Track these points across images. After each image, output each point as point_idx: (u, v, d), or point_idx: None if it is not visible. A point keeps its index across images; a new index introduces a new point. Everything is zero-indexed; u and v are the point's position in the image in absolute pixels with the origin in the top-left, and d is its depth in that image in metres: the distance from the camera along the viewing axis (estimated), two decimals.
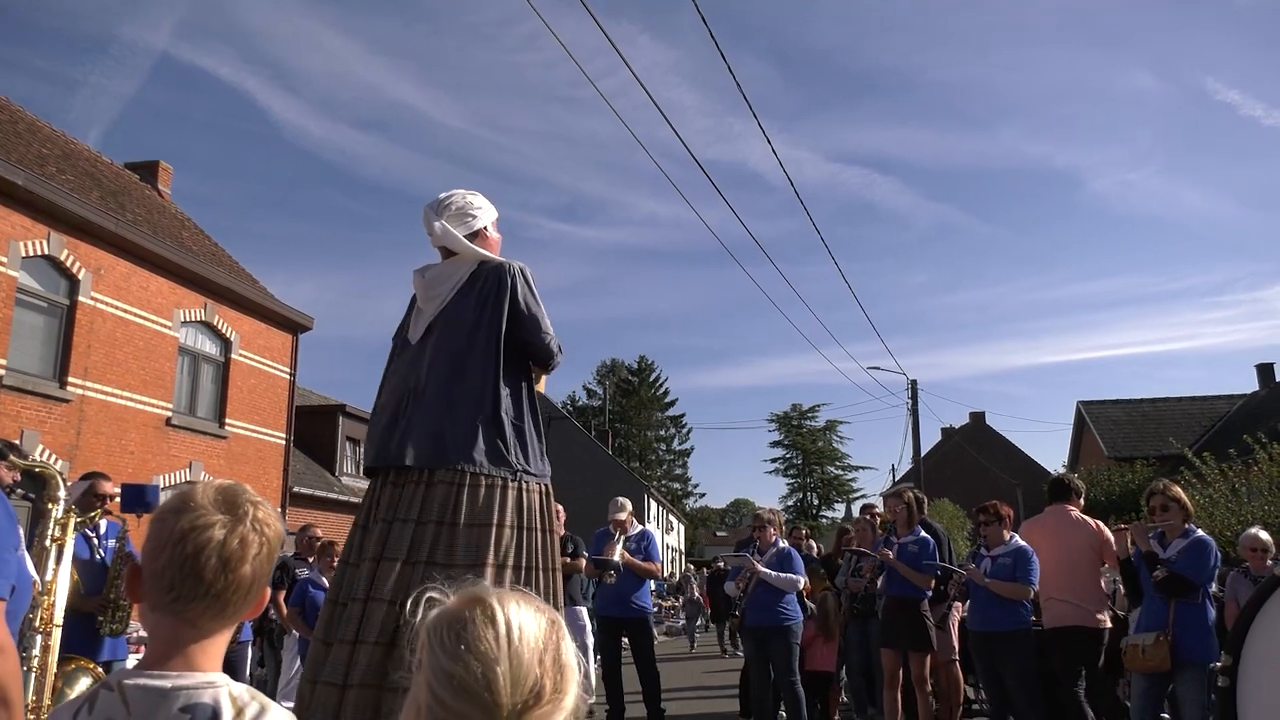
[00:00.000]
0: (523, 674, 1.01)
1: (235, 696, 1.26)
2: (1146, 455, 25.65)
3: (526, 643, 1.03)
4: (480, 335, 3.30)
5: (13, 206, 12.80)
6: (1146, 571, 4.94)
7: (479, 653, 1.01)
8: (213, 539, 1.26)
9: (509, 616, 1.04)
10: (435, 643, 1.03)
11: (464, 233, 3.45)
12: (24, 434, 12.49)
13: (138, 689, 1.24)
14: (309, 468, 21.97)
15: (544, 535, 3.31)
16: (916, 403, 27.87)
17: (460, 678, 1.00)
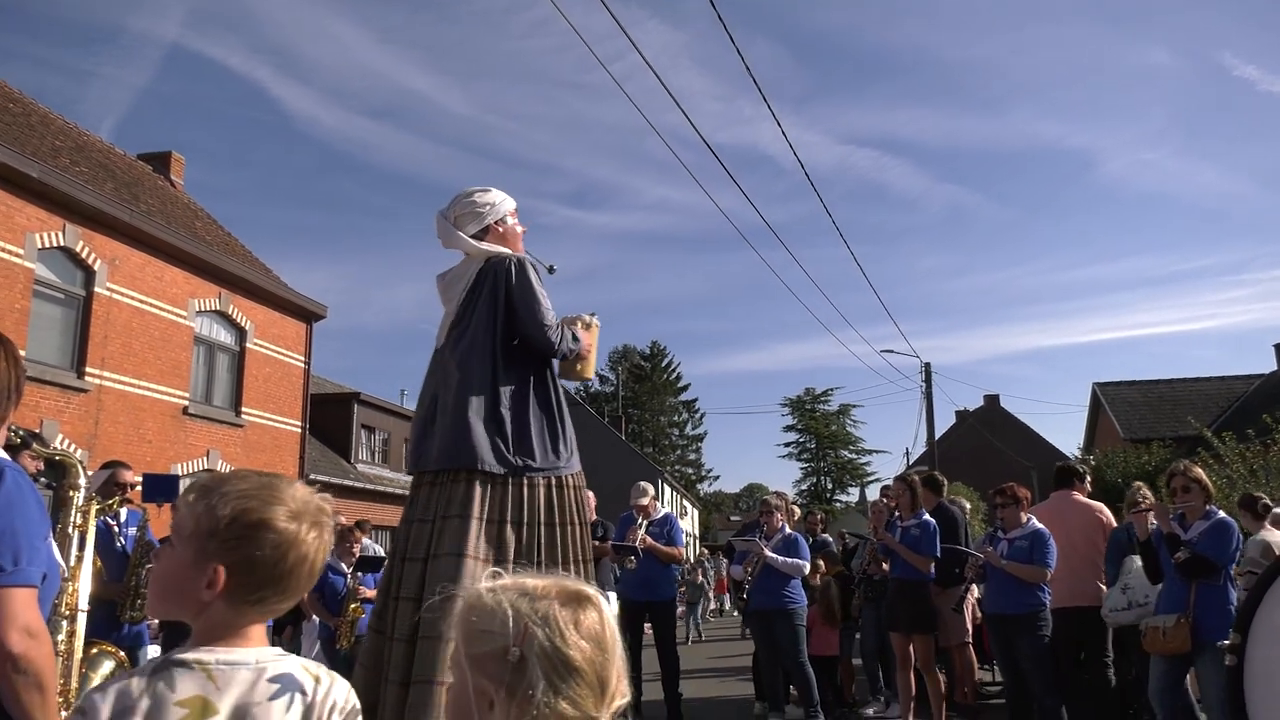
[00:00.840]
0: (618, 663, 1.10)
1: (306, 666, 1.36)
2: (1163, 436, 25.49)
3: (618, 635, 1.12)
4: (480, 333, 3.33)
5: (28, 199, 12.87)
6: (1167, 553, 4.91)
7: (599, 640, 1.08)
8: (308, 555, 1.35)
9: (606, 610, 1.12)
10: (552, 630, 1.06)
11: (476, 229, 3.47)
12: (44, 423, 12.60)
13: (222, 665, 1.29)
14: (324, 455, 22.10)
15: (559, 529, 3.27)
16: (930, 386, 27.78)
17: (579, 665, 1.05)
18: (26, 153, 13.11)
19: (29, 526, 1.73)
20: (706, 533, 59.06)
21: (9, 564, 1.66)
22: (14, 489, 1.72)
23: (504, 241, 3.50)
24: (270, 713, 1.28)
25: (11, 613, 1.65)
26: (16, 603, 1.67)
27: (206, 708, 1.26)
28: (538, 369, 3.43)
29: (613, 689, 1.08)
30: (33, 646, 1.67)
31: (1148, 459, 22.83)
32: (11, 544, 1.68)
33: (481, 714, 1.06)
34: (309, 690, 1.33)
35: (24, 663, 1.65)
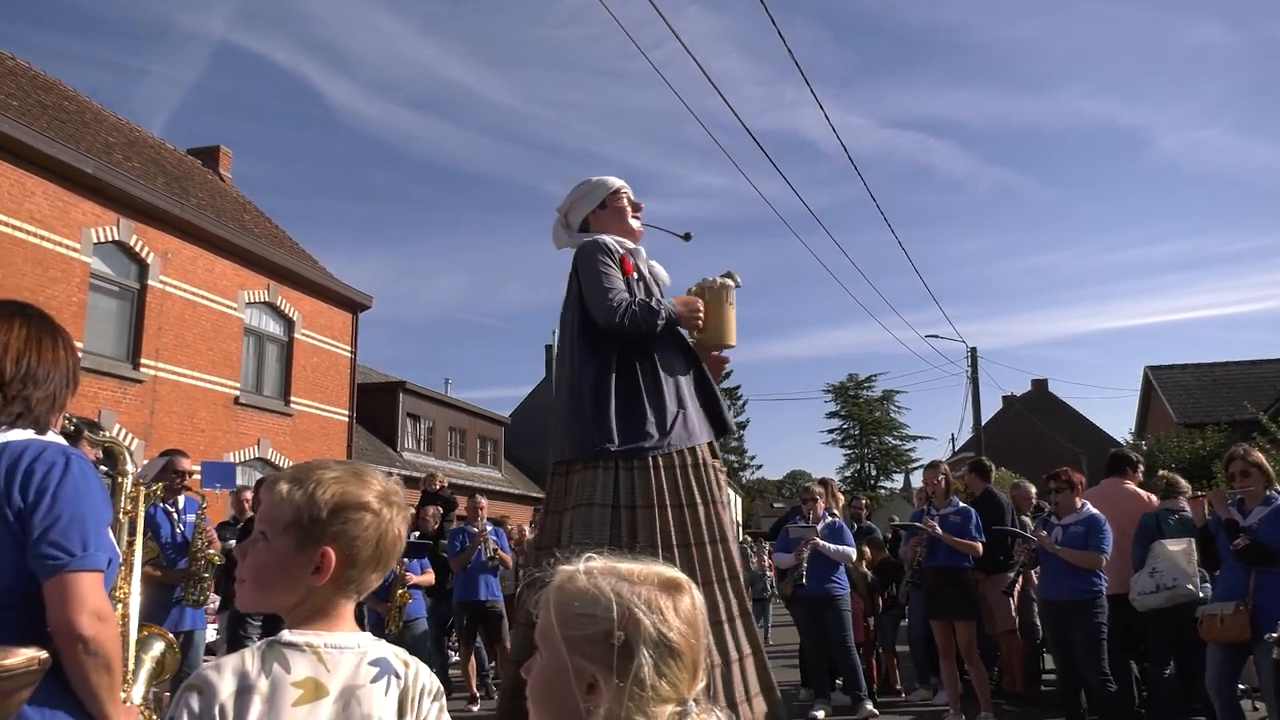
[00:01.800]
0: (705, 647, 1.14)
1: (396, 652, 1.42)
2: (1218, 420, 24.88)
3: (704, 619, 1.15)
4: (565, 323, 3.39)
5: (84, 194, 13.18)
6: (1225, 539, 4.81)
7: (693, 625, 1.12)
8: (398, 534, 1.43)
9: (697, 595, 1.16)
10: (658, 617, 1.10)
11: (578, 220, 3.57)
12: (101, 413, 12.93)
13: (330, 648, 1.34)
14: (371, 444, 22.42)
15: (646, 511, 3.13)
16: (976, 371, 27.40)
17: (680, 649, 1.09)
18: (82, 149, 13.43)
19: (96, 513, 1.79)
20: (749, 520, 58.95)
21: (78, 550, 1.71)
22: (80, 477, 1.77)
23: (605, 226, 3.51)
24: (372, 695, 1.35)
25: (82, 597, 1.70)
26: (86, 587, 1.72)
27: (319, 689, 1.31)
28: (624, 349, 3.32)
29: (702, 671, 1.13)
30: (102, 629, 1.72)
31: (1202, 443, 22.32)
32: (80, 530, 1.73)
33: (580, 694, 1.08)
34: (402, 674, 1.39)
35: (94, 645, 1.70)
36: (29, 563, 1.69)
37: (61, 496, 1.72)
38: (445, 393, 28.95)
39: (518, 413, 35.25)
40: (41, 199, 12.56)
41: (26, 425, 1.81)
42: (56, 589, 1.69)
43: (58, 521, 1.70)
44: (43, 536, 1.69)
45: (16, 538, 1.69)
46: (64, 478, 1.74)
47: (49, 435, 1.84)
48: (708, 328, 3.51)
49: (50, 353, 1.87)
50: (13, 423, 1.78)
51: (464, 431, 28.17)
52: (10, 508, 1.69)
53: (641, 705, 1.05)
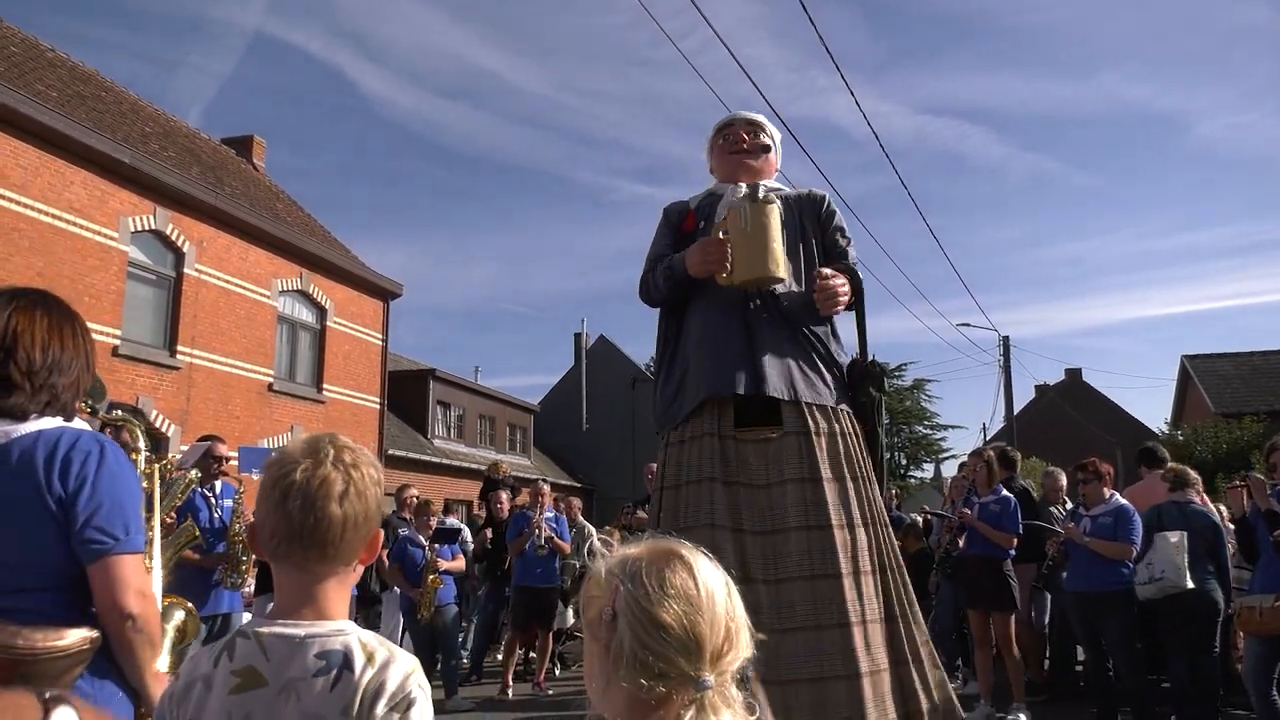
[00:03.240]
0: (718, 620, 1.08)
1: (365, 643, 1.33)
2: (1257, 410, 24.47)
3: (716, 592, 1.10)
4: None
5: (121, 184, 13.39)
6: (1265, 530, 4.74)
7: (684, 598, 1.07)
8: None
9: (699, 568, 1.11)
10: (638, 589, 1.08)
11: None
12: (139, 400, 13.17)
13: (274, 637, 1.31)
14: (403, 431, 22.64)
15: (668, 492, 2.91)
16: (1009, 359, 27.11)
17: (666, 622, 1.05)
18: (119, 139, 13.63)
19: (133, 497, 1.86)
20: None
21: (121, 533, 1.78)
22: (115, 463, 1.84)
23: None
24: (312, 689, 1.28)
25: (127, 577, 1.78)
26: (130, 568, 1.79)
27: (255, 678, 1.29)
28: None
29: (713, 647, 1.07)
30: (147, 606, 1.81)
31: (1240, 434, 21.97)
32: (121, 514, 1.80)
33: (596, 673, 1.12)
34: (357, 670, 1.29)
35: (141, 622, 1.79)
36: (74, 547, 1.76)
37: (101, 484, 1.78)
38: (475, 380, 29.16)
39: (547, 400, 35.42)
40: (80, 188, 12.77)
41: (55, 413, 1.86)
42: (102, 572, 1.76)
43: (100, 508, 1.77)
44: (87, 523, 1.75)
45: (60, 524, 1.75)
46: (100, 465, 1.80)
47: (76, 422, 1.90)
48: (736, 265, 2.86)
49: (71, 340, 1.92)
50: (41, 411, 1.83)
51: (493, 419, 28.35)
52: (51, 496, 1.74)
53: (627, 676, 1.04)
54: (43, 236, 12.10)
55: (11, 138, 11.76)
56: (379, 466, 1.44)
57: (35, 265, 11.93)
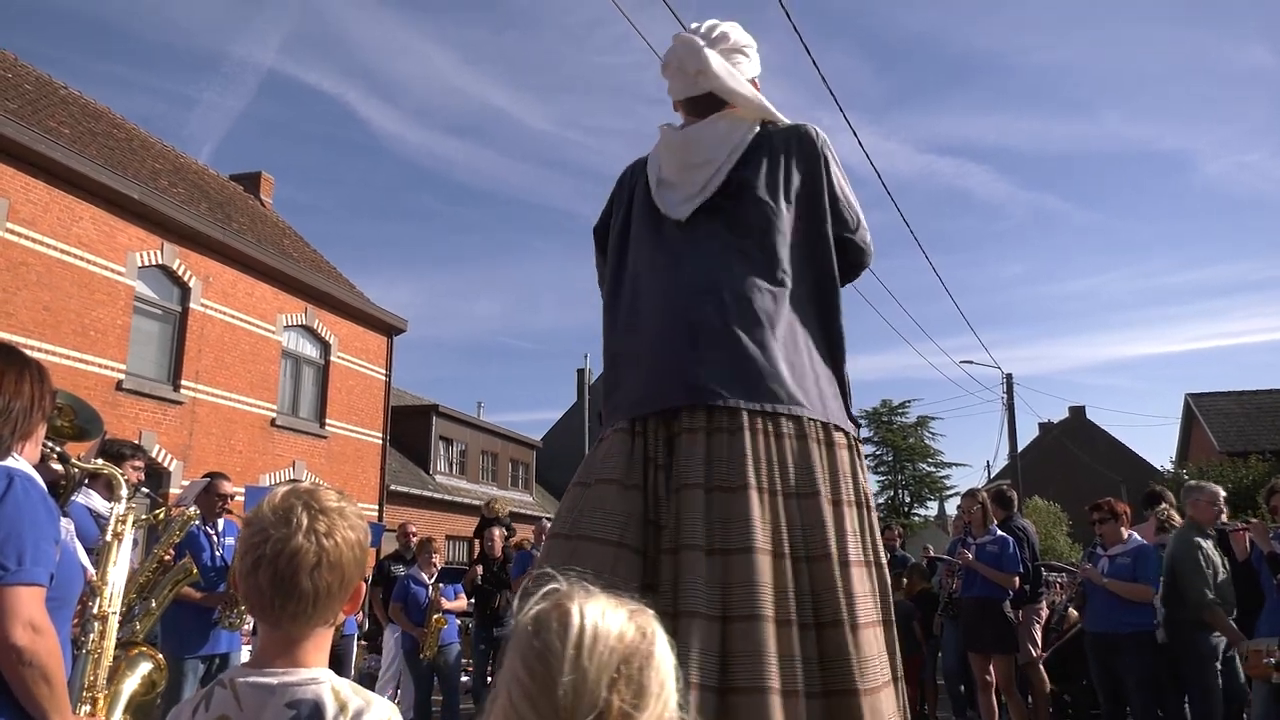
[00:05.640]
0: (586, 689, 0.97)
1: (338, 691, 1.31)
2: (1262, 450, 24.37)
3: (598, 655, 0.99)
4: (784, 227, 2.33)
5: (129, 219, 13.51)
6: (1269, 574, 4.71)
7: (546, 660, 0.99)
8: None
9: (584, 624, 1.01)
10: (514, 644, 1.03)
11: (750, 77, 2.50)
12: (142, 435, 13.17)
13: (247, 686, 1.31)
14: (404, 466, 22.58)
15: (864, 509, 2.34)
16: (1012, 397, 27.09)
17: (525, 683, 0.99)
18: (129, 176, 13.78)
19: (36, 530, 1.85)
20: None
21: (13, 564, 1.79)
22: (21, 495, 1.85)
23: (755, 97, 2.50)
24: None
25: (15, 609, 1.77)
26: (20, 600, 1.78)
27: None
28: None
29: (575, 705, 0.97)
30: (36, 641, 1.78)
31: (1245, 473, 21.87)
32: (16, 546, 1.80)
33: None
34: (327, 718, 1.29)
35: (28, 655, 1.77)
36: None
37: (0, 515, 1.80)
38: (478, 416, 29.13)
39: (550, 436, 35.37)
40: (89, 224, 12.89)
41: None
42: None
43: None
44: None
45: None
46: (4, 497, 1.82)
47: (10, 460, 1.92)
48: None
49: (13, 385, 1.95)
50: None
51: (496, 455, 28.29)
52: None
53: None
54: (50, 271, 12.19)
55: (22, 173, 11.89)
56: (359, 524, 1.40)
57: (42, 299, 12.00)
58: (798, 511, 2.13)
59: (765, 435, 2.14)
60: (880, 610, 2.17)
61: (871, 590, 2.16)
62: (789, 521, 2.11)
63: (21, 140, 11.66)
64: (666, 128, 2.50)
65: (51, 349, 11.90)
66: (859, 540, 2.18)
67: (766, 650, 1.93)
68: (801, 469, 2.16)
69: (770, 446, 2.14)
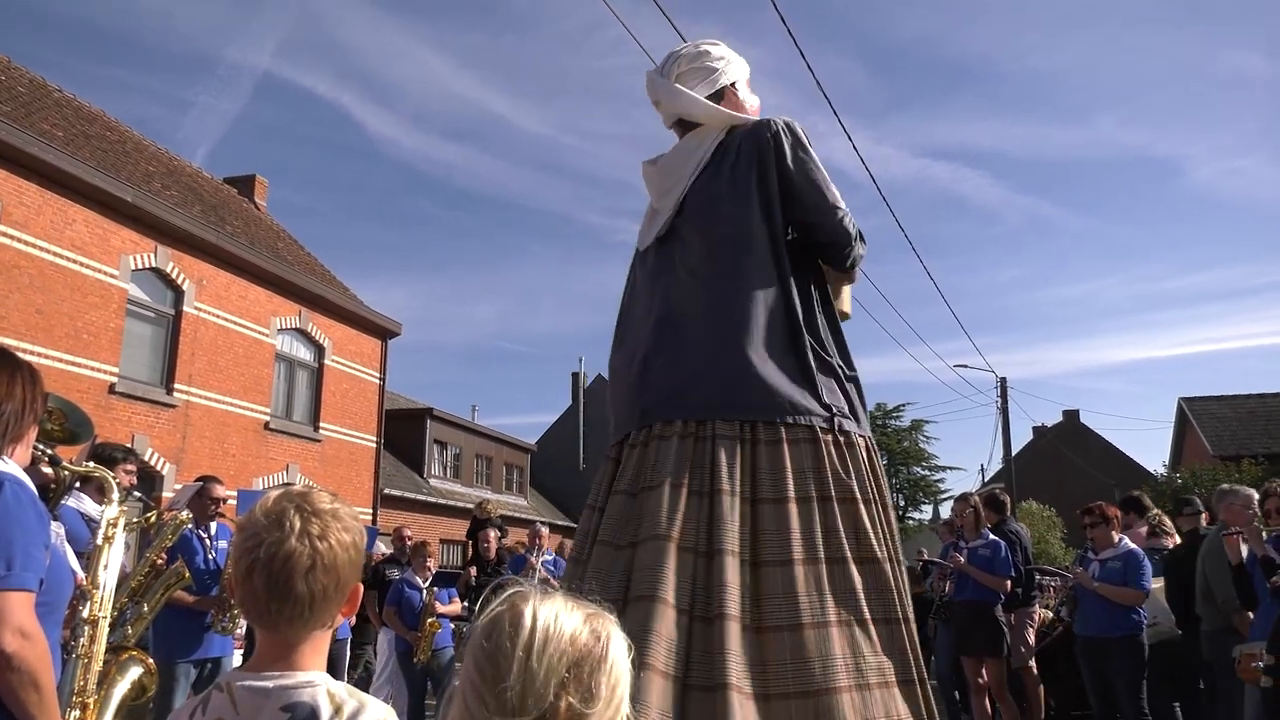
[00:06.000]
0: (534, 690, 0.99)
1: (333, 694, 1.31)
2: (1255, 454, 24.45)
3: (548, 658, 1.01)
4: (745, 223, 2.42)
5: (123, 222, 13.48)
6: (1262, 578, 4.72)
7: (496, 661, 1.01)
8: (259, 559, 1.29)
9: (536, 626, 1.03)
10: (469, 644, 1.05)
11: (706, 92, 2.58)
12: (135, 438, 13.12)
13: (244, 690, 1.31)
14: (398, 470, 22.55)
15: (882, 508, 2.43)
16: (1006, 401, 27.14)
17: (476, 684, 1.01)
18: (122, 179, 13.74)
19: (26, 535, 1.83)
20: None
21: (2, 569, 1.77)
22: (12, 500, 1.83)
23: (742, 111, 2.63)
24: None
25: (4, 614, 1.75)
26: (9, 605, 1.77)
27: None
28: (818, 276, 2.56)
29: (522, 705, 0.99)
30: (25, 646, 1.77)
31: (1238, 477, 21.94)
32: (6, 551, 1.78)
33: None
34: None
35: (17, 661, 1.75)
36: None
37: None
38: (472, 419, 29.10)
39: (544, 440, 35.34)
40: (82, 226, 12.85)
41: None
42: None
43: None
44: None
45: None
46: None
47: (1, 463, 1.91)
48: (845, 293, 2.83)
49: (4, 387, 1.94)
50: None
51: (490, 458, 28.26)
52: None
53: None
54: (43, 274, 12.15)
55: (15, 176, 11.86)
56: (354, 526, 1.39)
57: (35, 302, 11.96)
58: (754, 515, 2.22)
59: (697, 441, 2.29)
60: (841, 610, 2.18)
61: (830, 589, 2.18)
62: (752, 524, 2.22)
63: (15, 143, 11.63)
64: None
65: (44, 352, 11.86)
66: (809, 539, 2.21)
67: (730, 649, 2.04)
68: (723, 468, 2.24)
69: (702, 451, 2.27)
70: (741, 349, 2.31)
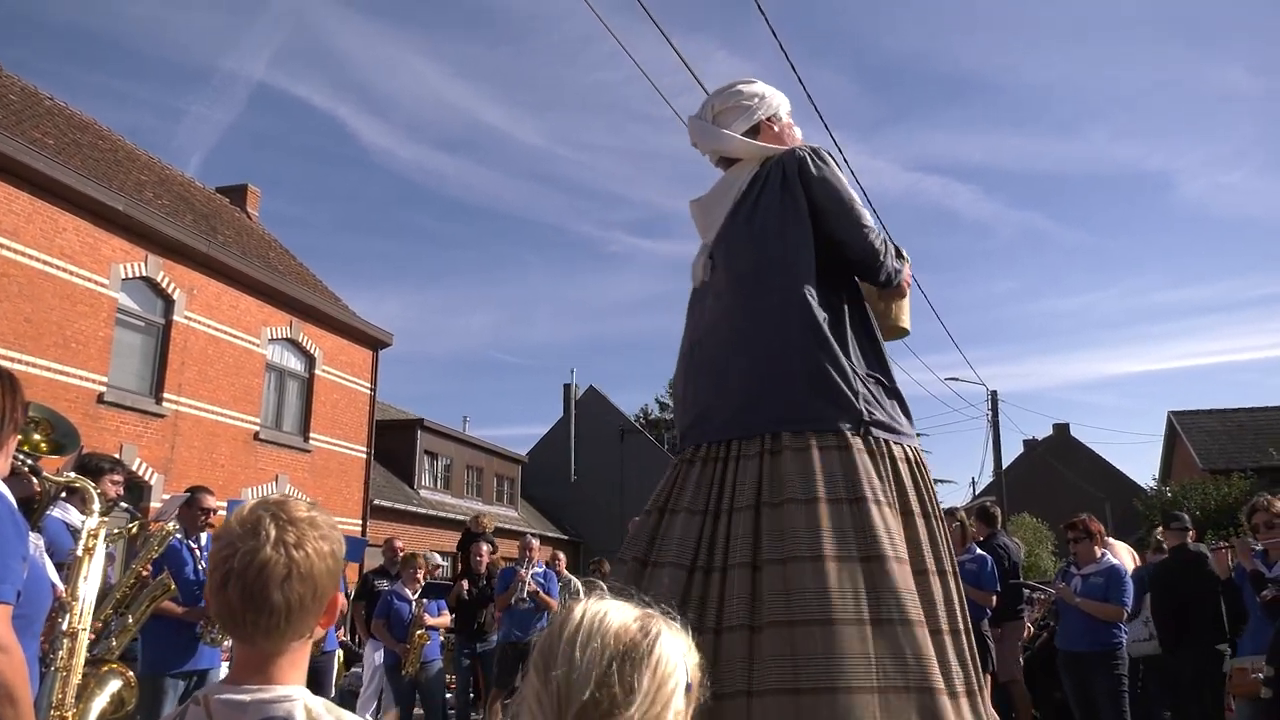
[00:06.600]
0: (575, 680, 1.03)
1: (310, 709, 1.29)
2: (1244, 467, 24.53)
3: (590, 650, 1.04)
4: (774, 244, 2.52)
5: (113, 231, 13.44)
6: (1251, 591, 4.74)
7: (546, 653, 1.07)
8: (233, 569, 1.27)
9: (583, 621, 1.07)
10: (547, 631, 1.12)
11: (744, 128, 2.73)
12: (123, 448, 13.04)
13: (221, 704, 1.28)
14: (389, 481, 22.45)
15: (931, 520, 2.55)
16: (997, 414, 27.21)
17: (531, 675, 1.07)
18: (113, 187, 13.71)
19: (2, 547, 1.81)
20: None
21: None
22: None
23: (780, 143, 2.74)
24: None
25: None
26: None
27: None
28: (852, 293, 2.65)
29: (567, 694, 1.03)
30: (1, 659, 1.74)
31: (1228, 491, 22.02)
32: None
33: None
34: None
35: None
36: None
37: None
38: (463, 430, 29.01)
39: (535, 451, 35.26)
40: (73, 235, 12.80)
41: None
42: None
43: None
44: None
45: None
46: None
47: None
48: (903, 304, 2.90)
49: None
50: None
51: (481, 470, 28.17)
52: None
53: None
54: (32, 282, 12.09)
55: (5, 184, 11.81)
56: (332, 534, 1.37)
57: (23, 311, 11.90)
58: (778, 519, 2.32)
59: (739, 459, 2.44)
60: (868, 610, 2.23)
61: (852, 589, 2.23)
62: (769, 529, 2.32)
63: (5, 151, 11.59)
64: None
65: (32, 361, 11.79)
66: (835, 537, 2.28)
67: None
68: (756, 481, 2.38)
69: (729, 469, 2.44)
70: (772, 368, 2.44)
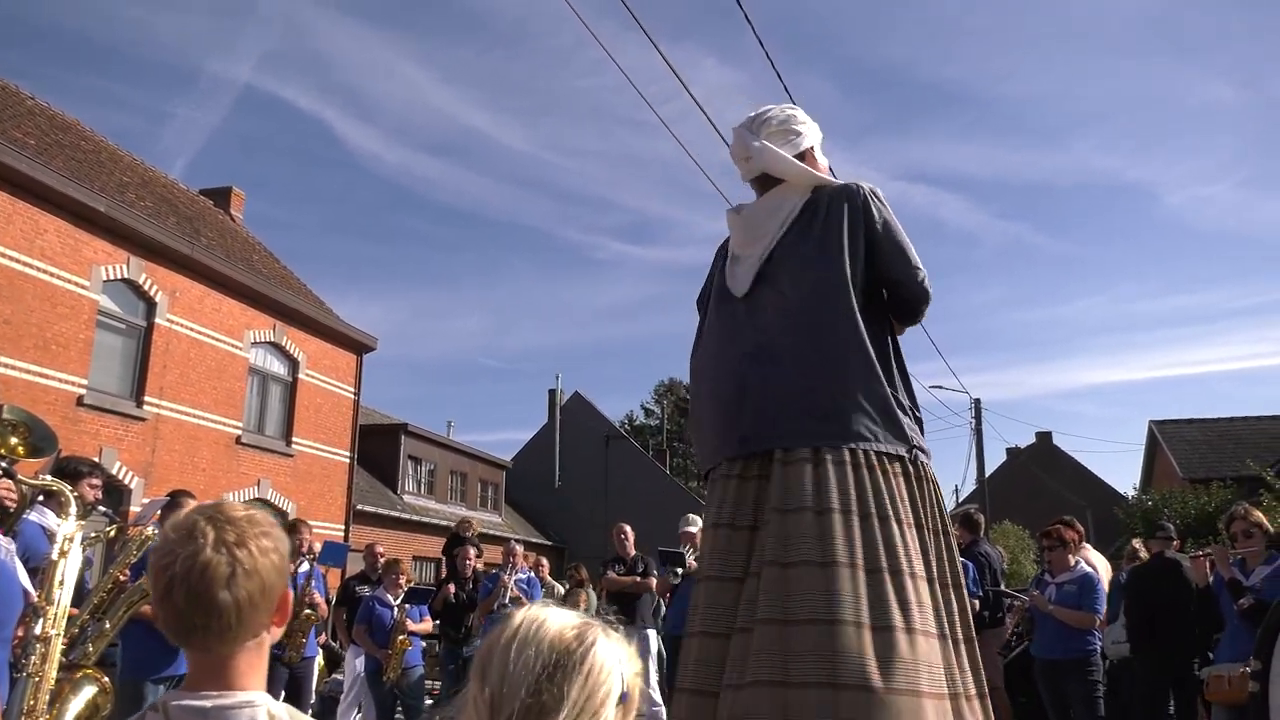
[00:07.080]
0: (511, 690, 1.05)
1: (273, 715, 1.28)
2: (1224, 477, 24.73)
3: (524, 658, 1.07)
4: (832, 277, 2.59)
5: (95, 233, 13.33)
6: (1229, 599, 4.77)
7: (485, 661, 1.10)
8: (175, 575, 1.25)
9: (518, 630, 1.10)
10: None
11: (791, 153, 2.78)
12: (103, 451, 12.93)
13: (180, 710, 1.27)
14: (372, 486, 22.35)
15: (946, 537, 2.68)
16: (980, 422, 27.36)
17: (471, 683, 1.10)
18: (95, 189, 13.60)
19: None
20: None
21: None
22: None
23: (821, 173, 2.86)
24: None
25: None
26: None
27: None
28: (892, 326, 2.79)
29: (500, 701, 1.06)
30: None
31: (1207, 500, 22.18)
32: None
33: None
34: None
35: None
36: None
37: None
38: (448, 435, 28.92)
39: (520, 457, 35.17)
40: (54, 236, 12.70)
41: None
42: None
43: None
44: None
45: None
46: None
47: None
48: None
49: None
50: None
51: (465, 475, 28.08)
52: None
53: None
54: (12, 284, 11.97)
55: None
56: (274, 531, 1.35)
57: (3, 312, 11.78)
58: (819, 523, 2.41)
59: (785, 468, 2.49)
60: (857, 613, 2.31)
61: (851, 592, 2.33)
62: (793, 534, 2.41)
63: None
64: (731, 211, 2.87)
65: (12, 363, 11.68)
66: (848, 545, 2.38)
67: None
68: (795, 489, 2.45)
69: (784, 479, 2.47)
70: (829, 384, 2.52)
